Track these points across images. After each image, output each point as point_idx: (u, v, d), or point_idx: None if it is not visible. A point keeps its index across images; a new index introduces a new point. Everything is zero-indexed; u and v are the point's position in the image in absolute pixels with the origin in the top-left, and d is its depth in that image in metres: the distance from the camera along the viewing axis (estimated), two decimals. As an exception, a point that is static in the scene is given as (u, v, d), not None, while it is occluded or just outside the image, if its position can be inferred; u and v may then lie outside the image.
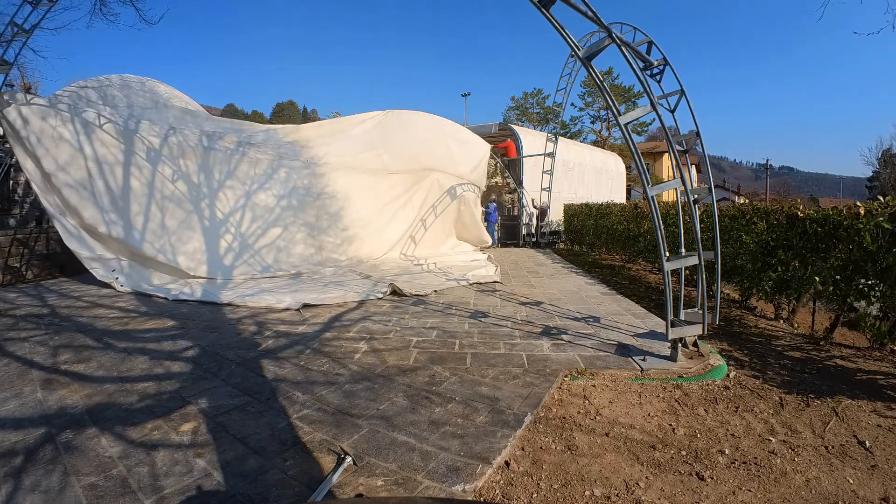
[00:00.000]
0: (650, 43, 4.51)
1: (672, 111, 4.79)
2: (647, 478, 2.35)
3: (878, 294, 4.26)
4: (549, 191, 14.10)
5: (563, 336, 4.61)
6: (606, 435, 2.77)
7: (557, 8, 3.61)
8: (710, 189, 4.10)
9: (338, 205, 9.27)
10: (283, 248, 8.39)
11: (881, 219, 4.07)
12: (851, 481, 2.34)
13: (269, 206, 8.43)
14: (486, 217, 14.12)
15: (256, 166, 8.53)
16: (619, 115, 3.83)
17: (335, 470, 2.21)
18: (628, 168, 25.20)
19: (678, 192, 4.40)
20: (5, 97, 6.11)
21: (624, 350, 4.18)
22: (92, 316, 5.40)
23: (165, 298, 6.36)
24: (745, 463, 2.49)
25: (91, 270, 6.95)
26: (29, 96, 7.05)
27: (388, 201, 10.13)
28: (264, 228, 8.27)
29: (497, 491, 2.25)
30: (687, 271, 4.71)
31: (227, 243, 7.89)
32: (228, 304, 6.06)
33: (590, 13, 3.58)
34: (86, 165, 6.94)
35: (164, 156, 7.61)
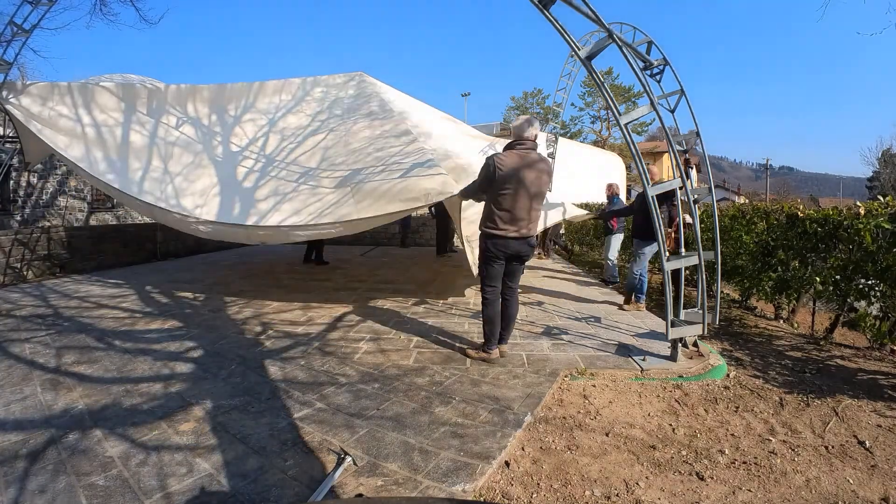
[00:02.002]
0: (650, 43, 4.52)
1: (672, 111, 4.80)
2: (647, 478, 2.36)
3: (879, 294, 4.26)
4: (549, 190, 14.08)
5: (564, 336, 4.62)
6: (606, 435, 2.78)
7: (557, 7, 3.61)
8: (710, 189, 4.10)
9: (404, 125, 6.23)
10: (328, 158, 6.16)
11: (881, 219, 4.07)
12: (851, 481, 2.35)
13: (302, 124, 6.77)
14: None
15: (282, 92, 7.20)
16: (620, 115, 3.83)
17: (335, 469, 2.22)
18: (628, 168, 25.18)
19: (678, 192, 4.40)
20: (4, 93, 6.07)
21: (624, 350, 4.19)
22: (95, 316, 5.40)
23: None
24: (745, 463, 2.50)
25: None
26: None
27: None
28: (300, 141, 6.49)
29: (497, 491, 2.25)
30: (687, 271, 4.71)
31: (246, 169, 6.21)
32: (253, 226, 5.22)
33: (590, 13, 3.58)
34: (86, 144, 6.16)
35: (169, 103, 6.82)
